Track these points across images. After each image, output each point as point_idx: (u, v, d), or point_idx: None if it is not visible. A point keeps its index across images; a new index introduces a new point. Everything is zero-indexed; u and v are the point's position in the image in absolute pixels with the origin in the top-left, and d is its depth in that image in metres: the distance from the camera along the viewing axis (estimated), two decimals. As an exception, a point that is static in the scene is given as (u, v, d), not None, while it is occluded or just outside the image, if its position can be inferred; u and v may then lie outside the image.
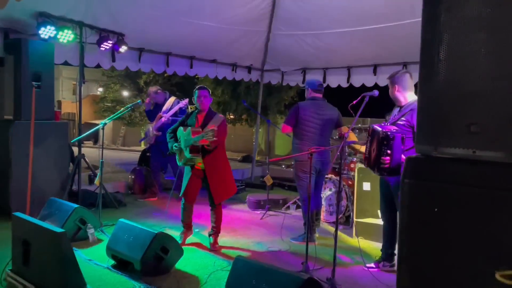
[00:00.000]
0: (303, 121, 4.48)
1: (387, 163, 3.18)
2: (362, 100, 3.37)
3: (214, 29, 6.40)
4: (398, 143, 3.14)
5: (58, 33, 5.17)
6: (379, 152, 3.19)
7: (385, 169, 3.19)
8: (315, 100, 4.61)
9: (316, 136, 4.50)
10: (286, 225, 5.29)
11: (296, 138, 4.59)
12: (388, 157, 3.15)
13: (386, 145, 3.16)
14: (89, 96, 29.74)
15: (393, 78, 3.48)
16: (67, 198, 5.42)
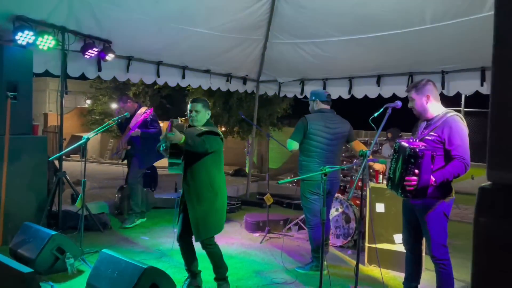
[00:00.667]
0: (311, 136, 4.03)
1: (413, 184, 2.74)
2: (385, 112, 2.94)
3: (207, 36, 5.97)
4: (428, 161, 2.71)
5: (38, 39, 4.68)
6: (404, 172, 2.76)
7: (411, 191, 2.76)
8: (324, 112, 4.18)
9: (326, 152, 4.06)
10: (288, 250, 4.82)
11: (304, 155, 4.13)
12: (415, 177, 2.72)
13: (413, 164, 2.73)
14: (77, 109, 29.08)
15: (422, 88, 3.04)
16: (46, 221, 4.88)
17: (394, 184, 2.92)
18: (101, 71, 5.77)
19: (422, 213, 2.97)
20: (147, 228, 5.66)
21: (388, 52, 5.85)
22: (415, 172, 2.72)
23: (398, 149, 2.91)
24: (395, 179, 2.89)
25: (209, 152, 3.30)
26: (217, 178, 3.45)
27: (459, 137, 2.87)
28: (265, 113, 17.82)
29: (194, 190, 3.38)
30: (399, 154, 2.89)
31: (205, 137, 3.25)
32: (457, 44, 5.23)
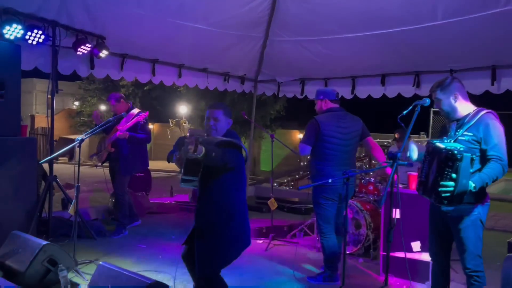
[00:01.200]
0: (324, 137, 3.76)
1: (449, 190, 2.50)
2: (413, 110, 2.69)
3: (206, 33, 5.69)
4: (467, 165, 2.47)
5: (26, 34, 4.36)
6: (440, 176, 2.51)
7: (447, 197, 2.51)
8: (334, 111, 3.91)
9: (342, 154, 3.80)
10: (295, 258, 4.55)
11: (317, 158, 3.84)
12: (453, 182, 2.47)
13: (450, 167, 2.48)
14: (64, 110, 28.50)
15: (448, 87, 2.79)
16: (36, 229, 4.54)
17: (427, 189, 2.67)
18: (94, 69, 5.46)
19: (455, 220, 2.72)
20: (143, 235, 5.34)
21: (395, 50, 5.62)
22: (452, 176, 2.47)
23: (432, 151, 2.66)
24: (428, 184, 2.64)
25: (227, 168, 2.69)
26: (235, 200, 2.83)
27: (496, 136, 2.64)
28: (258, 114, 17.59)
29: (205, 211, 2.78)
30: (432, 156, 2.64)
31: (225, 149, 2.65)
32: (468, 41, 5.02)
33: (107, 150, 5.29)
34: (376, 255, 4.51)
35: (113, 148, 5.25)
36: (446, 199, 2.53)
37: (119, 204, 5.38)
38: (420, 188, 2.78)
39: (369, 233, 4.52)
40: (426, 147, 2.77)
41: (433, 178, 2.59)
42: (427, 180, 2.67)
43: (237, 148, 2.74)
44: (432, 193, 2.59)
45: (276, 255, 4.63)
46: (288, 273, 4.11)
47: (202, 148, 2.45)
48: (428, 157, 2.71)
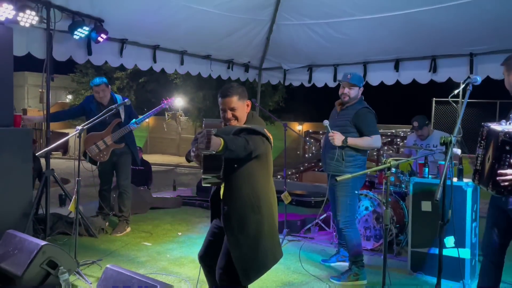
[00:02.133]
0: None
1: (508, 179, 2.19)
2: (465, 89, 2.37)
3: (211, 16, 5.32)
4: None
5: (18, 15, 3.98)
6: (497, 163, 2.21)
7: (506, 187, 2.21)
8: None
9: None
10: (313, 255, 4.26)
11: (361, 153, 3.65)
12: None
13: (509, 152, 2.17)
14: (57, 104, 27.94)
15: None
16: (32, 227, 4.19)
17: (483, 179, 2.37)
18: (91, 54, 5.08)
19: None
20: (147, 232, 5.01)
21: (411, 32, 5.29)
22: (511, 163, 2.17)
23: (487, 135, 2.36)
24: (484, 173, 2.33)
25: (252, 157, 2.34)
26: (264, 193, 2.47)
27: None
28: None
29: (235, 214, 2.40)
30: (488, 141, 2.33)
31: (247, 136, 2.30)
32: (490, 22, 4.71)
33: (113, 146, 4.87)
34: (400, 251, 4.22)
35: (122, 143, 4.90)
36: (505, 188, 2.23)
37: (126, 199, 5.04)
38: (476, 177, 2.48)
39: (392, 227, 4.23)
40: (481, 130, 2.46)
41: (490, 166, 2.29)
42: (483, 168, 2.37)
43: (259, 134, 2.37)
44: (489, 183, 2.29)
45: (292, 251, 4.31)
46: (308, 271, 3.81)
47: (220, 140, 2.10)
48: (482, 142, 2.41)
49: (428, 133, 4.97)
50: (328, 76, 6.81)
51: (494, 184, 2.27)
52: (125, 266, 3.65)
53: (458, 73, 5.53)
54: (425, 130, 4.97)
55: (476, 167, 2.48)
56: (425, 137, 4.95)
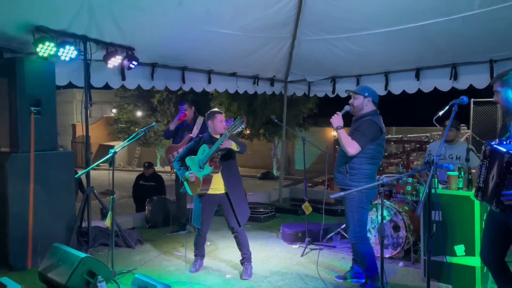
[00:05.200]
0: (381, 141, 3.64)
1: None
2: (451, 110, 2.53)
3: (233, 37, 5.66)
4: None
5: (59, 50, 4.47)
6: (502, 183, 2.35)
7: (510, 205, 2.35)
8: (378, 115, 3.72)
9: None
10: (333, 265, 4.45)
11: (368, 162, 3.60)
12: None
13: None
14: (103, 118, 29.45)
15: (508, 79, 2.58)
16: (75, 240, 4.67)
17: (486, 196, 2.50)
18: (125, 80, 5.56)
19: None
20: (179, 242, 5.37)
21: (430, 42, 5.38)
22: None
23: (490, 154, 2.49)
24: (488, 191, 2.47)
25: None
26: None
27: None
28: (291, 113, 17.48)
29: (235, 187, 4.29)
30: (491, 160, 2.46)
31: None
32: (508, 29, 4.73)
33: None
34: (418, 259, 4.33)
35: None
36: (509, 207, 2.36)
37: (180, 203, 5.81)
38: (479, 194, 2.61)
39: (408, 236, 4.35)
40: (483, 148, 2.59)
41: (494, 185, 2.42)
42: (487, 186, 2.50)
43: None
44: (493, 201, 2.43)
45: (313, 261, 4.53)
46: (328, 280, 4.01)
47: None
48: (485, 160, 2.53)
49: (454, 137, 4.83)
50: (351, 87, 6.82)
51: (499, 203, 2.40)
52: (155, 275, 4.01)
53: (479, 80, 5.55)
54: (453, 132, 4.79)
55: (479, 185, 2.59)
56: (451, 138, 4.83)
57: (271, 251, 4.98)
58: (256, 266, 4.38)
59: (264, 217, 6.48)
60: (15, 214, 4.24)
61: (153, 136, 22.85)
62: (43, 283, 3.77)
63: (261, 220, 6.44)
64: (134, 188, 7.60)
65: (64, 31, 4.54)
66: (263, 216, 6.47)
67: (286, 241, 5.30)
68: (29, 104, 4.35)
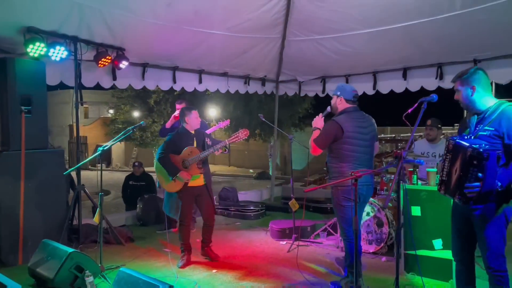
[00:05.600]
0: (347, 140, 3.61)
1: (476, 190, 2.43)
2: (419, 108, 2.63)
3: (223, 38, 5.76)
4: (493, 163, 2.39)
5: (49, 50, 4.57)
6: (465, 176, 2.44)
7: (473, 197, 2.45)
8: (350, 112, 3.74)
9: (360, 154, 3.65)
10: (318, 259, 4.55)
11: (337, 160, 3.67)
12: (479, 183, 2.41)
13: (476, 166, 2.41)
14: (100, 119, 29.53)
15: (468, 78, 2.69)
16: (66, 237, 4.76)
17: (449, 189, 2.60)
18: (116, 80, 5.65)
19: (480, 219, 2.61)
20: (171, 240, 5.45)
21: (415, 42, 5.49)
22: (479, 176, 2.41)
23: (453, 149, 2.59)
24: (451, 184, 2.57)
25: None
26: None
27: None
28: (286, 114, 17.59)
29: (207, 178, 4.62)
30: (454, 154, 2.56)
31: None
32: (490, 29, 4.84)
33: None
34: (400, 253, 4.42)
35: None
36: (472, 199, 2.46)
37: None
38: (442, 187, 2.70)
39: (391, 231, 4.45)
40: (446, 143, 2.69)
41: (457, 178, 2.52)
42: (450, 179, 2.59)
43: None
44: (456, 193, 2.52)
45: (299, 256, 4.62)
46: (309, 275, 4.10)
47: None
48: (448, 154, 2.63)
49: (436, 136, 4.99)
50: (341, 86, 7.05)
51: (462, 195, 2.49)
52: (144, 270, 4.10)
53: (464, 79, 5.64)
54: (434, 131, 5.00)
55: (442, 178, 2.69)
56: (432, 137, 4.98)
57: (259, 247, 5.08)
58: (243, 261, 4.47)
59: (254, 215, 6.58)
60: (6, 211, 4.34)
61: (149, 136, 22.90)
62: (32, 278, 3.86)
63: (251, 218, 6.54)
64: (124, 188, 7.54)
65: (54, 32, 4.63)
66: (253, 214, 6.58)
67: (274, 238, 5.40)
68: (20, 104, 4.45)
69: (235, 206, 6.78)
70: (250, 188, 13.61)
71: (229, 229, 6.02)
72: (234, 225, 6.26)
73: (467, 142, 2.51)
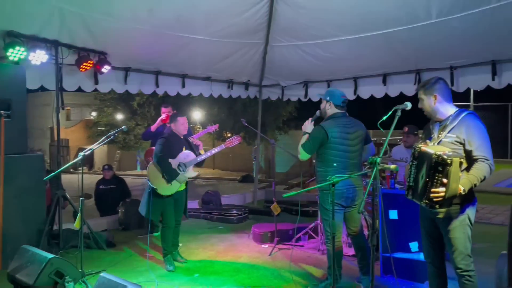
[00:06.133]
0: (332, 145, 3.67)
1: (441, 195, 2.53)
2: (394, 115, 2.72)
3: (206, 43, 5.79)
4: (456, 169, 2.50)
5: (30, 54, 4.54)
6: (430, 181, 2.54)
7: (438, 202, 2.55)
8: (337, 117, 3.80)
9: (350, 160, 3.71)
10: (299, 262, 4.60)
11: (323, 164, 3.73)
12: (444, 188, 2.51)
13: (441, 172, 2.51)
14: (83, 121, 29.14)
15: (430, 87, 2.84)
16: (46, 242, 4.72)
17: (416, 194, 2.70)
18: (98, 84, 5.63)
19: (444, 221, 2.75)
20: (151, 244, 5.45)
21: (394, 49, 5.62)
22: (443, 181, 2.51)
23: (419, 155, 2.69)
24: (418, 189, 2.67)
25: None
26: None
27: (480, 136, 2.66)
28: (270, 117, 17.67)
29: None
30: (420, 160, 2.67)
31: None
32: (466, 38, 4.99)
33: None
34: (378, 256, 4.51)
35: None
36: (437, 203, 2.56)
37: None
38: (409, 193, 2.80)
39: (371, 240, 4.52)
40: (412, 150, 2.80)
41: (423, 183, 2.62)
42: (416, 184, 2.70)
43: None
44: (423, 198, 2.62)
45: (280, 259, 4.68)
46: (289, 278, 4.16)
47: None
48: (414, 161, 2.73)
49: (413, 142, 5.19)
50: (322, 91, 7.08)
51: (429, 199, 2.59)
52: (125, 275, 4.10)
53: (441, 86, 5.79)
54: (411, 138, 5.23)
55: (409, 184, 2.79)
56: (410, 144, 5.20)
57: (241, 251, 5.12)
58: (225, 265, 4.51)
59: (236, 218, 6.62)
60: (-15, 216, 4.28)
61: (133, 139, 22.72)
62: (12, 284, 3.82)
63: (233, 222, 6.58)
64: (95, 195, 7.33)
65: (35, 36, 4.61)
66: (235, 218, 6.61)
67: (256, 241, 5.44)
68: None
69: (218, 210, 6.81)
70: (234, 191, 13.63)
71: (211, 233, 6.04)
72: (217, 229, 6.29)
73: (431, 149, 2.62)
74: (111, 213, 6.45)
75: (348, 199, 3.74)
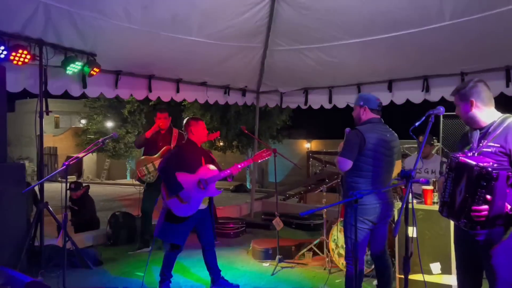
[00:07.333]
0: (368, 152, 3.25)
1: (484, 214, 2.17)
2: (427, 121, 2.38)
3: (203, 45, 5.44)
4: (503, 184, 2.14)
5: (11, 54, 4.15)
6: (471, 198, 2.19)
7: (480, 222, 2.19)
8: (374, 123, 3.39)
9: (381, 170, 3.30)
10: (305, 283, 4.22)
11: (354, 174, 3.30)
12: (487, 206, 2.16)
13: (484, 188, 2.15)
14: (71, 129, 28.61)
15: (465, 92, 2.49)
16: (25, 261, 4.27)
17: (453, 212, 2.34)
18: (86, 87, 5.23)
19: (486, 245, 2.36)
20: (142, 261, 5.03)
21: (401, 54, 5.32)
22: (487, 198, 2.16)
23: (456, 167, 2.34)
24: (455, 206, 2.31)
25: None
26: None
27: None
28: (264, 125, 17.38)
29: None
30: (458, 173, 2.31)
31: None
32: (479, 41, 4.71)
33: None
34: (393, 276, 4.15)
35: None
36: (479, 223, 2.21)
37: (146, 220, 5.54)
38: (444, 210, 2.44)
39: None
40: (448, 161, 2.44)
41: (461, 199, 2.27)
42: (453, 201, 2.34)
43: None
44: (461, 217, 2.26)
45: (284, 279, 4.29)
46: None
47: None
48: (451, 173, 2.37)
49: (428, 152, 4.97)
50: (323, 98, 6.86)
51: (468, 219, 2.24)
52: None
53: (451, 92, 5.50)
54: (426, 148, 5.02)
55: (444, 199, 2.44)
56: (425, 154, 4.95)
57: (240, 269, 4.72)
58: (223, 285, 4.11)
59: (234, 232, 6.22)
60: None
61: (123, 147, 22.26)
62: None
63: (230, 236, 6.18)
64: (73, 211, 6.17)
65: (17, 34, 4.22)
66: (232, 232, 6.21)
67: (256, 258, 5.05)
68: (-25, 112, 3.99)
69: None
70: (228, 201, 13.22)
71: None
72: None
73: (473, 161, 2.27)
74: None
75: (381, 216, 3.33)
